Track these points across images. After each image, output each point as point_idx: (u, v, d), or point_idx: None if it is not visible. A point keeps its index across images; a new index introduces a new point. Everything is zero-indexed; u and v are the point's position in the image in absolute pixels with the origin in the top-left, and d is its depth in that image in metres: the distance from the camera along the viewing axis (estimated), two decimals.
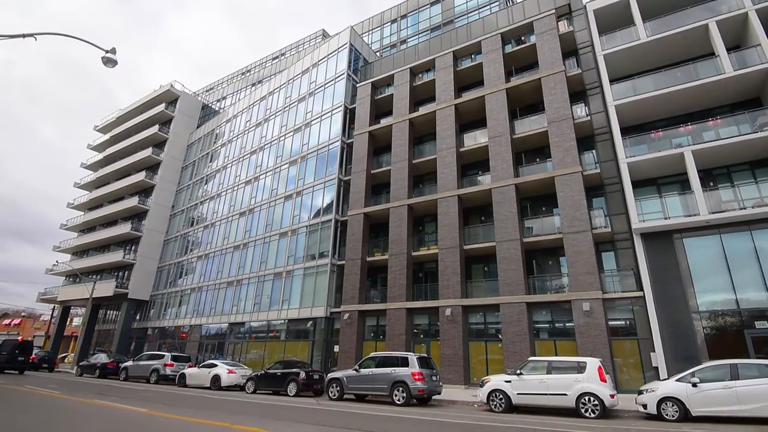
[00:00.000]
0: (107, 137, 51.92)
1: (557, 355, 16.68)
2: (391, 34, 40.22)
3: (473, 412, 12.48)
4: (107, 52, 11.10)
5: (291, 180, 31.03)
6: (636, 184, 17.92)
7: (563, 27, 22.48)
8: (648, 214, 17.15)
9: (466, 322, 20.15)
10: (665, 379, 11.89)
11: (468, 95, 24.41)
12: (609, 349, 16.18)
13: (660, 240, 16.85)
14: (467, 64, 25.32)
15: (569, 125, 19.86)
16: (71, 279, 46.79)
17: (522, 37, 24.04)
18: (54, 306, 49.07)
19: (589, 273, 17.29)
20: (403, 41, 38.55)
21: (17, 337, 26.31)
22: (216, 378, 18.71)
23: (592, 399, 11.15)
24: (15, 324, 70.87)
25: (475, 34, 25.26)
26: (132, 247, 41.42)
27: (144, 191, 43.84)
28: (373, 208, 25.19)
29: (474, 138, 23.79)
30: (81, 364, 26.14)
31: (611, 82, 19.69)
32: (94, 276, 42.24)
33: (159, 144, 45.35)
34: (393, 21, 40.51)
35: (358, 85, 29.84)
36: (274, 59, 50.92)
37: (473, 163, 23.99)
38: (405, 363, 14.01)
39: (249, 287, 30.36)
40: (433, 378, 14.12)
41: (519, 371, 12.61)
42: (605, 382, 11.38)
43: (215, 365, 19.48)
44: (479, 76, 24.59)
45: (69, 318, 52.11)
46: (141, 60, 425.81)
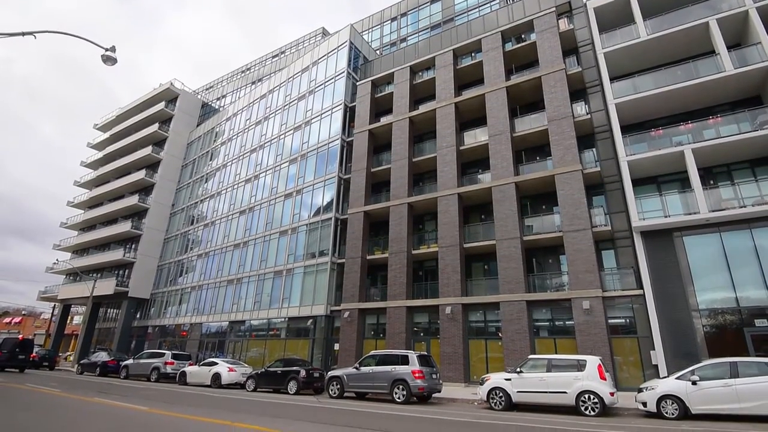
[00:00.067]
0: (107, 135, 51.92)
1: (557, 353, 16.71)
2: (391, 32, 40.12)
3: (473, 410, 12.50)
4: (107, 50, 11.10)
5: (291, 178, 31.03)
6: (636, 182, 17.92)
7: (563, 25, 22.46)
8: (648, 212, 17.16)
9: (466, 320, 20.19)
10: (665, 377, 11.93)
11: (468, 93, 24.40)
12: (609, 348, 16.21)
13: (660, 238, 16.86)
14: (467, 62, 25.29)
15: (569, 123, 19.85)
16: (71, 277, 46.81)
17: (522, 35, 23.99)
18: (54, 304, 49.17)
19: (589, 271, 17.30)
20: (403, 39, 38.47)
21: (18, 336, 26.37)
22: (216, 376, 18.74)
23: (591, 397, 11.17)
24: (15, 322, 70.93)
25: (476, 32, 25.22)
26: (132, 246, 41.46)
27: (144, 190, 43.86)
28: (374, 206, 25.21)
29: (474, 136, 23.79)
30: (81, 362, 26.20)
31: (611, 80, 19.67)
32: (94, 274, 42.23)
33: (159, 142, 45.34)
34: (393, 19, 40.41)
35: (358, 84, 29.80)
36: (273, 57, 50.79)
37: (473, 162, 24.00)
38: (405, 361, 14.03)
39: (249, 285, 30.39)
40: (434, 376, 14.15)
41: (519, 369, 12.64)
42: (605, 380, 11.41)
43: (216, 363, 19.50)
44: (479, 74, 24.56)
45: (69, 316, 52.17)
46: (141, 58, 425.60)
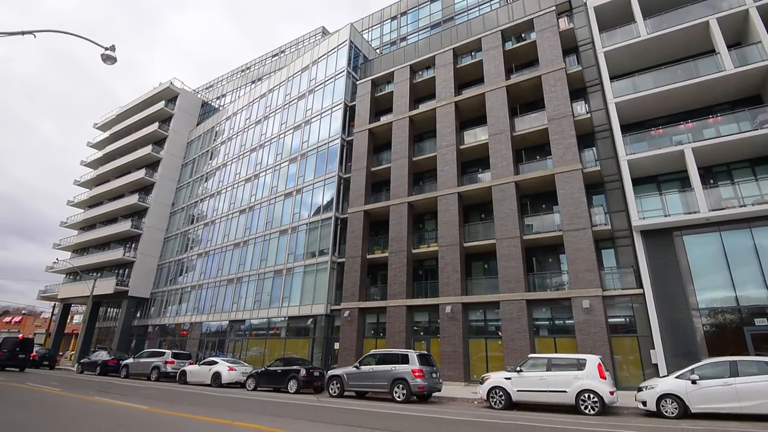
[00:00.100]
0: (107, 135, 51.89)
1: (557, 353, 16.73)
2: (391, 31, 40.06)
3: (473, 409, 12.52)
4: (106, 49, 11.10)
5: (291, 177, 31.02)
6: (636, 181, 17.91)
7: (564, 24, 22.45)
8: (648, 211, 17.16)
9: (466, 319, 20.20)
10: (665, 376, 11.94)
11: (468, 92, 24.39)
12: (609, 347, 16.22)
13: (660, 237, 16.86)
14: (467, 61, 25.28)
15: (569, 122, 19.84)
16: (72, 277, 46.83)
17: (522, 34, 23.97)
18: (54, 303, 49.19)
19: (589, 270, 17.31)
20: (403, 38, 38.42)
21: (18, 335, 26.42)
22: (217, 375, 18.76)
23: (591, 396, 11.18)
24: (16, 321, 70.96)
25: (476, 31, 25.19)
26: (132, 245, 41.46)
27: (144, 189, 43.85)
28: (374, 205, 25.20)
29: (474, 135, 23.78)
30: (82, 361, 26.23)
31: (611, 79, 19.65)
32: (94, 273, 42.26)
33: (159, 141, 45.31)
34: (393, 18, 40.35)
35: (358, 83, 29.78)
36: (273, 56, 50.72)
37: (473, 161, 24.00)
38: (405, 360, 14.04)
39: (249, 285, 30.40)
40: (433, 375, 14.16)
41: (519, 368, 12.65)
42: (605, 379, 11.42)
43: (216, 362, 19.51)
44: (479, 73, 24.55)
45: (69, 315, 52.18)
46: (141, 57, 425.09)
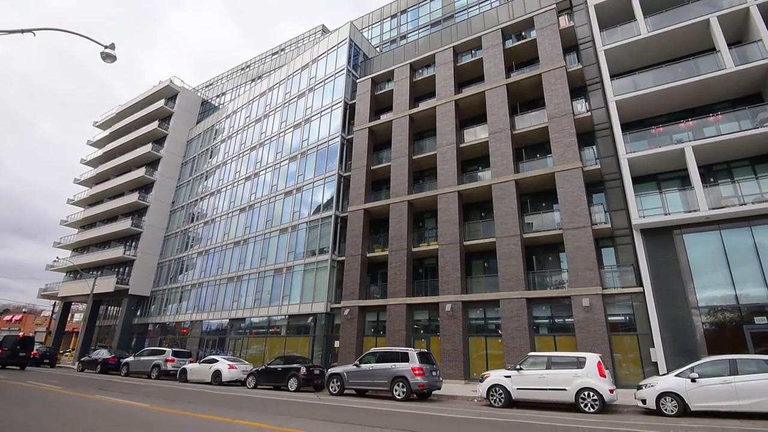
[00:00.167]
0: (107, 133, 51.86)
1: (557, 351, 16.76)
2: (391, 29, 39.99)
3: (473, 407, 12.54)
4: (106, 47, 11.08)
5: (291, 176, 31.01)
6: (636, 179, 17.90)
7: (564, 22, 22.40)
8: (648, 209, 17.16)
9: (466, 317, 20.22)
10: (664, 375, 11.93)
11: (468, 91, 24.35)
12: (608, 345, 16.25)
13: (660, 236, 16.87)
14: (467, 59, 25.24)
15: (569, 121, 19.83)
16: (72, 275, 46.86)
17: (522, 33, 23.93)
18: (55, 302, 49.24)
19: (589, 269, 17.32)
20: (403, 36, 38.35)
21: (18, 333, 26.48)
22: (217, 373, 18.78)
23: (591, 394, 11.20)
24: (16, 320, 71.07)
25: (476, 29, 25.16)
26: (132, 243, 41.48)
27: (144, 187, 43.83)
28: (373, 204, 25.21)
29: (474, 134, 23.76)
30: (82, 359, 26.26)
31: (612, 77, 19.62)
32: (94, 272, 42.32)
33: (159, 140, 45.29)
34: (393, 16, 40.28)
35: (357, 81, 29.74)
36: (273, 55, 50.64)
37: (473, 159, 24.00)
38: (405, 358, 14.06)
39: (249, 283, 30.43)
40: (433, 373, 14.18)
41: (519, 366, 12.67)
42: (604, 377, 11.43)
43: (216, 361, 19.52)
44: (479, 71, 24.52)
45: (70, 314, 52.29)
46: (140, 56, 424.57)
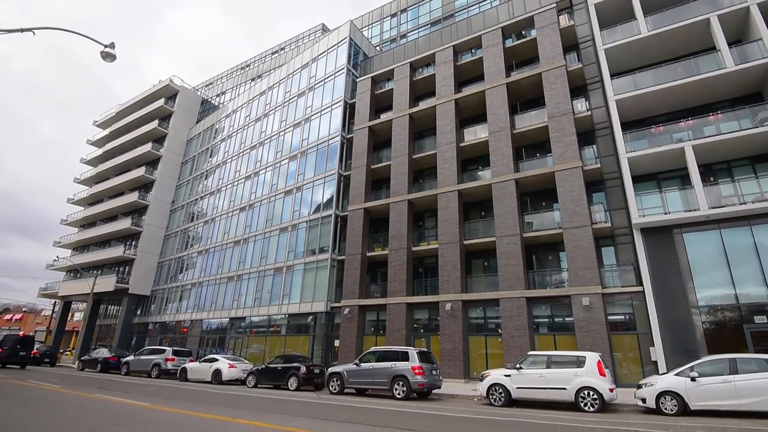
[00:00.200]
0: (107, 132, 51.82)
1: (557, 350, 16.78)
2: (391, 28, 39.96)
3: (473, 406, 12.55)
4: (106, 46, 11.07)
5: (291, 175, 31.00)
6: (636, 179, 17.90)
7: (564, 21, 22.38)
8: (648, 209, 17.16)
9: (466, 316, 20.23)
10: (664, 374, 11.95)
11: (468, 90, 24.33)
12: (608, 344, 16.26)
13: (660, 235, 16.87)
14: (467, 58, 25.21)
15: (570, 120, 19.82)
16: (72, 274, 46.87)
17: (523, 32, 23.91)
18: (55, 301, 49.26)
19: (589, 268, 17.33)
20: (403, 35, 38.32)
21: (19, 332, 26.48)
22: (217, 372, 18.79)
23: (591, 393, 11.20)
24: (16, 319, 71.14)
25: (476, 28, 25.13)
26: (132, 243, 41.48)
27: (144, 186, 43.83)
28: (374, 203, 25.21)
29: (474, 133, 23.75)
30: (82, 358, 26.27)
31: (612, 76, 19.61)
32: (94, 271, 42.34)
33: (159, 139, 45.27)
34: (393, 15, 40.24)
35: (357, 80, 29.72)
36: (273, 54, 50.60)
37: (473, 158, 24.00)
38: (405, 357, 14.08)
39: (249, 282, 30.44)
40: (433, 372, 14.20)
41: (519, 365, 12.67)
42: (604, 376, 11.43)
43: (216, 360, 19.53)
44: (479, 70, 24.50)
45: (70, 313, 52.29)
46: (140, 55, 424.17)
